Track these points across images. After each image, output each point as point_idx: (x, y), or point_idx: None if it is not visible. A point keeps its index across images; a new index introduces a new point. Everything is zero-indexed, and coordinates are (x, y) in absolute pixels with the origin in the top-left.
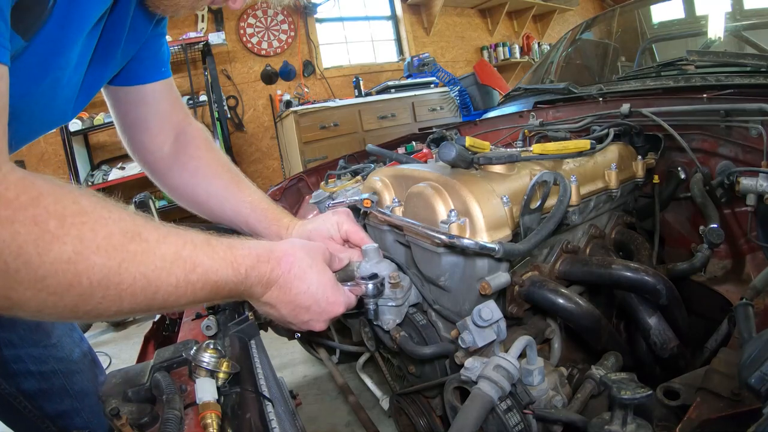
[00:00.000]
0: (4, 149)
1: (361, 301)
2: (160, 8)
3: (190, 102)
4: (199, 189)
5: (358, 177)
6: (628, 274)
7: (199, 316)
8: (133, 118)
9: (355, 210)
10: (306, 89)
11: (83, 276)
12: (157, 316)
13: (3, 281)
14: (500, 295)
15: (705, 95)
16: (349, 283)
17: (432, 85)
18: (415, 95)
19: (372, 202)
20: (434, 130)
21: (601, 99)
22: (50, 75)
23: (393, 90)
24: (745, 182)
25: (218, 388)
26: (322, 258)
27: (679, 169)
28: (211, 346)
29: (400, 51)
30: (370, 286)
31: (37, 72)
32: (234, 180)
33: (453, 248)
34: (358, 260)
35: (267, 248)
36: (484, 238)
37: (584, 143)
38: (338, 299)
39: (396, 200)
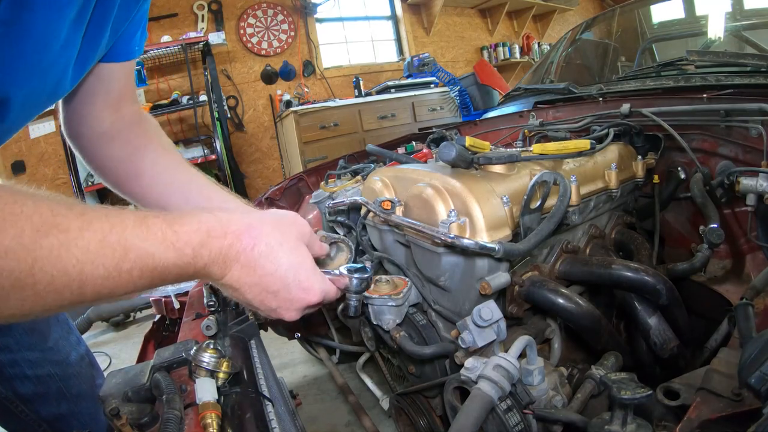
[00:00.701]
0: None
1: (342, 296)
2: None
3: (190, 102)
4: (144, 160)
5: (358, 177)
6: (628, 274)
7: (199, 316)
8: (80, 89)
9: (356, 209)
10: (306, 89)
11: None
12: (157, 316)
13: None
14: (500, 295)
15: (705, 95)
16: (332, 271)
17: (432, 85)
18: (415, 95)
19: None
20: (434, 130)
21: (601, 99)
22: (25, 60)
23: (393, 90)
24: (745, 182)
25: (218, 388)
26: (298, 236)
27: (679, 169)
28: (211, 346)
29: (400, 51)
30: (355, 280)
31: (7, 59)
32: (177, 162)
33: (453, 248)
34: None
35: (223, 221)
36: (484, 238)
37: (584, 143)
38: (313, 286)
39: (396, 200)
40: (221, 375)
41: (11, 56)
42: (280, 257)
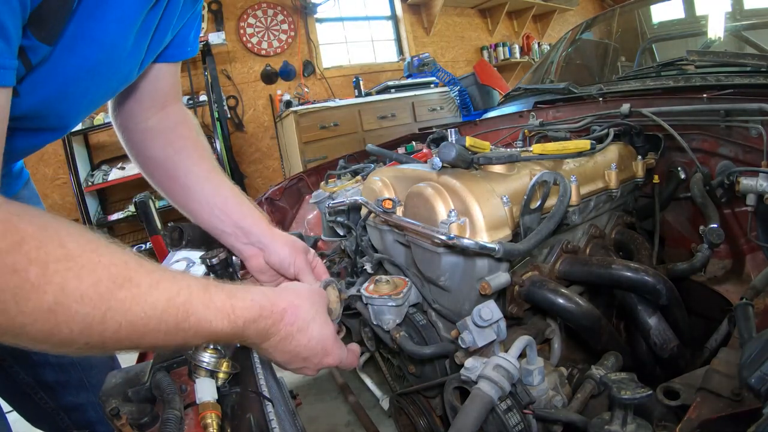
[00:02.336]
0: None
1: None
2: None
3: (190, 102)
4: (180, 165)
5: (358, 177)
6: (628, 274)
7: None
8: (129, 86)
9: (356, 209)
10: (306, 89)
11: (63, 326)
12: None
13: None
14: (500, 295)
15: (705, 95)
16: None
17: (432, 85)
18: (415, 95)
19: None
20: (434, 130)
21: (601, 99)
22: (90, 68)
23: (393, 90)
24: (745, 182)
25: (218, 388)
26: (326, 308)
27: (679, 169)
28: (211, 346)
29: (400, 51)
30: None
31: (72, 69)
32: (213, 170)
33: (453, 248)
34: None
35: (271, 299)
36: (484, 238)
37: (584, 143)
38: (335, 352)
39: (396, 200)
40: (221, 375)
41: (79, 68)
42: (313, 331)
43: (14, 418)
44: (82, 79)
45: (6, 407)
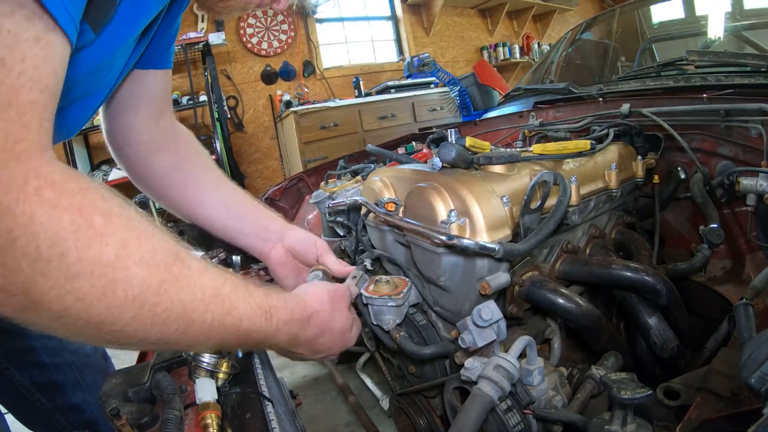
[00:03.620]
0: (50, 137)
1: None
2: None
3: (190, 102)
4: (191, 175)
5: (358, 177)
6: (628, 274)
7: None
8: (124, 95)
9: (356, 209)
10: (306, 89)
11: (119, 286)
12: None
13: (28, 270)
14: (500, 295)
15: (705, 95)
16: None
17: (432, 85)
18: (415, 95)
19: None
20: (434, 130)
21: (601, 99)
22: (104, 68)
23: (393, 90)
24: (745, 182)
25: (218, 388)
26: (347, 304)
27: (679, 169)
28: None
29: (400, 51)
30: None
31: (96, 66)
32: (222, 177)
33: (453, 248)
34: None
35: (300, 304)
36: (484, 238)
37: (584, 143)
38: (352, 339)
39: (398, 201)
40: (221, 375)
41: (91, 70)
42: (335, 328)
43: (13, 419)
44: (99, 72)
45: (2, 409)
